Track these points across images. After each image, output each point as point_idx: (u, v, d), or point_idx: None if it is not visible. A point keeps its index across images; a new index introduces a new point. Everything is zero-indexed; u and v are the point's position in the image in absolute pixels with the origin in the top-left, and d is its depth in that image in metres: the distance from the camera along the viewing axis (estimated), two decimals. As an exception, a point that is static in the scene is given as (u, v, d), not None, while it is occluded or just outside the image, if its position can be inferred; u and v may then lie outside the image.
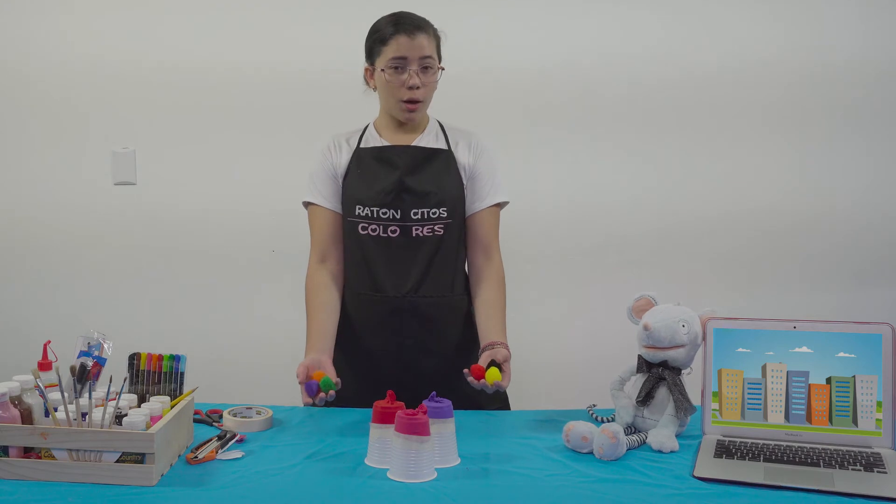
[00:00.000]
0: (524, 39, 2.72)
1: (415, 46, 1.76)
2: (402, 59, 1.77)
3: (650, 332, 1.55)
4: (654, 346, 1.57)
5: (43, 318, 2.79)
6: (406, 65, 1.77)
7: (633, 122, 2.75)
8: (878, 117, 2.74)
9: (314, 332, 1.79)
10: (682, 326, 1.56)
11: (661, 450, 1.49)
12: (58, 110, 2.76)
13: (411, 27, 1.77)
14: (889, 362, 1.48)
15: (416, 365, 1.84)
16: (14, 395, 1.40)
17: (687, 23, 2.73)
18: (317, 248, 1.88)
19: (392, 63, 1.77)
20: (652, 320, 1.56)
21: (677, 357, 1.56)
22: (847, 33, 2.72)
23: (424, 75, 1.79)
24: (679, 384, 1.56)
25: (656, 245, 2.78)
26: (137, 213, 2.79)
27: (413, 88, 1.78)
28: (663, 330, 1.55)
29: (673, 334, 1.55)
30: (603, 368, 1.73)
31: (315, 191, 1.87)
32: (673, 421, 1.54)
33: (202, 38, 2.73)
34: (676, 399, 1.53)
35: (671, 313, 1.57)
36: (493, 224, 1.89)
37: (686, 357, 1.57)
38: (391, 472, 1.37)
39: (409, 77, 1.77)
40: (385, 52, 1.78)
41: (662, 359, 1.57)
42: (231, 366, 2.73)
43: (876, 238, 2.77)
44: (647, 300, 1.62)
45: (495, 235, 1.90)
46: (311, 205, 1.88)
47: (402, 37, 1.76)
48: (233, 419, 1.63)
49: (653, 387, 1.57)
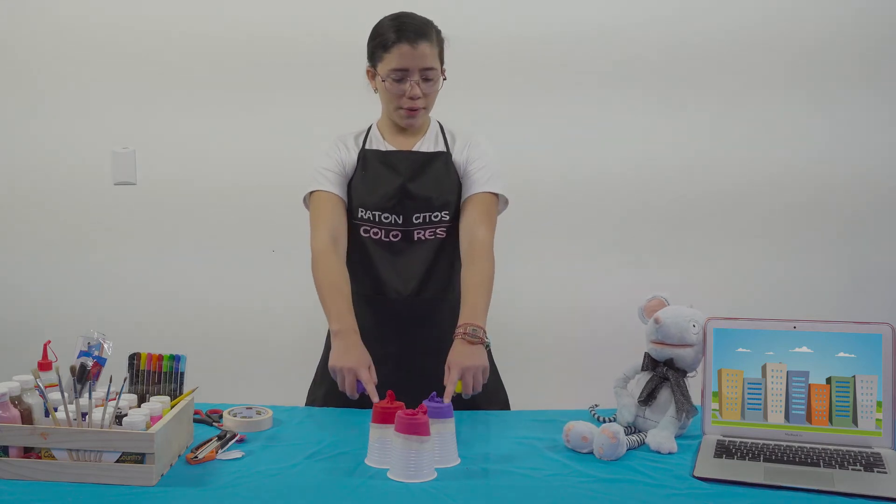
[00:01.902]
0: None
1: (416, 56, 1.73)
2: (404, 70, 1.74)
3: (660, 325, 1.55)
4: (662, 342, 1.57)
5: (43, 318, 2.79)
6: (407, 76, 1.75)
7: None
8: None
9: (342, 306, 1.70)
10: (693, 326, 1.56)
11: (658, 450, 1.49)
12: (58, 106, 2.77)
13: (414, 35, 1.73)
14: (889, 362, 1.48)
15: (417, 366, 1.83)
16: (14, 395, 1.40)
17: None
18: (326, 229, 1.78)
19: (393, 75, 1.75)
20: (663, 315, 1.56)
21: (685, 357, 1.56)
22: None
23: (425, 84, 1.77)
24: (682, 385, 1.56)
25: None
26: (137, 213, 2.79)
27: (413, 98, 1.77)
28: (673, 326, 1.55)
29: (682, 332, 1.55)
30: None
31: (325, 180, 1.82)
32: (673, 423, 1.54)
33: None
34: (678, 400, 1.54)
35: (683, 312, 1.57)
36: (482, 208, 1.81)
37: (693, 359, 1.57)
38: (391, 472, 1.37)
39: (411, 87, 1.75)
40: (386, 59, 1.75)
41: (669, 356, 1.57)
42: (231, 366, 2.73)
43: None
44: (659, 301, 1.62)
45: (484, 218, 1.80)
46: (320, 193, 1.82)
47: (405, 46, 1.72)
48: (233, 419, 1.62)
49: (656, 387, 1.57)
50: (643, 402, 1.57)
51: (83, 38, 2.75)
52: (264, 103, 2.75)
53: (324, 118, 2.42)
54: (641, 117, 2.75)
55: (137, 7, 2.74)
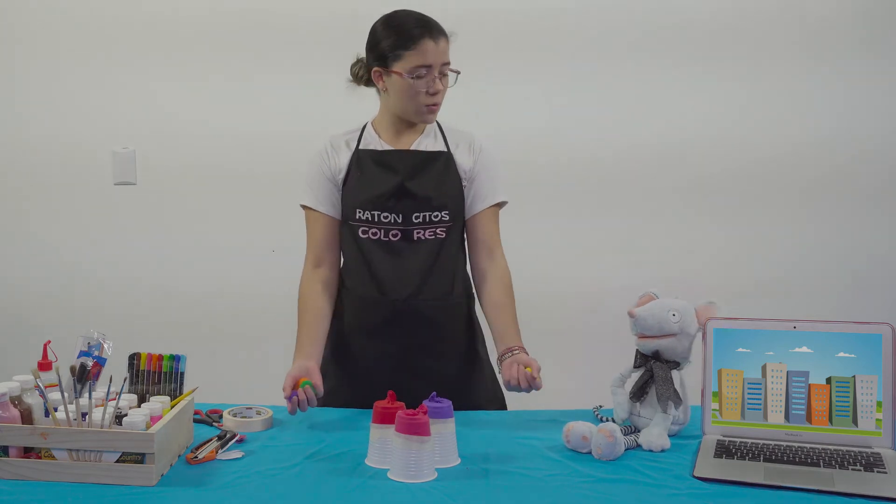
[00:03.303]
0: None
1: (439, 52, 1.73)
2: (428, 66, 1.73)
3: (635, 319, 1.56)
4: (643, 336, 1.57)
5: (43, 318, 2.79)
6: (430, 72, 1.74)
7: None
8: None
9: (304, 338, 1.79)
10: (673, 315, 1.55)
11: (651, 449, 1.49)
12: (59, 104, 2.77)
13: (435, 31, 1.73)
14: (889, 362, 1.48)
15: (418, 366, 1.83)
16: (14, 395, 1.40)
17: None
18: (312, 253, 1.86)
19: (417, 72, 1.73)
20: (638, 309, 1.56)
21: (669, 347, 1.55)
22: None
23: (443, 80, 1.77)
24: (666, 377, 1.54)
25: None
26: (137, 213, 2.79)
27: (435, 94, 1.76)
28: (650, 318, 1.55)
29: (661, 322, 1.55)
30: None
31: (311, 195, 1.85)
32: (664, 418, 1.53)
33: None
34: (658, 389, 1.52)
35: (662, 304, 1.57)
36: (495, 224, 1.88)
37: (679, 347, 1.56)
38: (391, 472, 1.37)
39: (433, 82, 1.74)
40: (408, 57, 1.72)
41: (654, 349, 1.57)
42: (231, 366, 2.73)
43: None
44: (649, 296, 1.62)
45: (497, 235, 1.88)
46: (307, 209, 1.86)
47: (429, 42, 1.71)
48: (233, 419, 1.63)
49: (646, 381, 1.56)
50: (634, 398, 1.57)
51: (83, 37, 2.75)
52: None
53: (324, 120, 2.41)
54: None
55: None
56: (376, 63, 1.77)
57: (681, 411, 1.57)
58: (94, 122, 2.77)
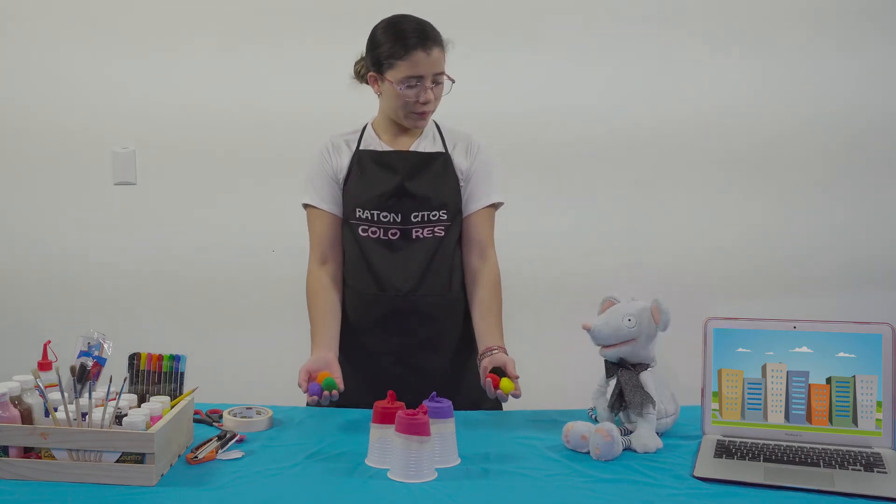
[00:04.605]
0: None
1: (431, 63, 1.73)
2: (418, 77, 1.74)
3: (591, 331, 1.55)
4: (603, 346, 1.57)
5: (43, 318, 2.79)
6: (421, 82, 1.75)
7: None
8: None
9: (320, 332, 1.79)
10: (628, 321, 1.54)
11: (646, 451, 1.49)
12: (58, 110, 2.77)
13: (429, 42, 1.73)
14: (889, 362, 1.48)
15: (417, 363, 1.84)
16: (14, 395, 1.40)
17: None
18: (317, 251, 1.87)
19: (407, 82, 1.74)
20: (592, 321, 1.56)
21: (631, 352, 1.55)
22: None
23: (436, 89, 1.78)
24: (635, 383, 1.53)
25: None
26: (137, 213, 2.79)
27: (425, 104, 1.77)
28: (605, 328, 1.55)
29: (615, 331, 1.54)
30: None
31: (314, 193, 1.86)
32: (648, 419, 1.52)
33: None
34: (628, 397, 1.52)
35: (617, 310, 1.56)
36: (489, 224, 1.89)
37: (641, 350, 1.55)
38: (391, 473, 1.37)
39: (424, 92, 1.75)
40: (400, 67, 1.73)
41: (617, 356, 1.56)
42: (231, 366, 2.73)
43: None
44: (610, 302, 1.62)
45: (491, 235, 1.89)
46: (310, 207, 1.87)
47: (420, 53, 1.72)
48: (233, 419, 1.63)
49: (620, 390, 1.55)
50: (613, 409, 1.56)
51: (83, 37, 2.75)
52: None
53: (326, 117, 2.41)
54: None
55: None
56: (372, 68, 1.80)
57: (667, 403, 1.56)
58: (94, 121, 2.77)
